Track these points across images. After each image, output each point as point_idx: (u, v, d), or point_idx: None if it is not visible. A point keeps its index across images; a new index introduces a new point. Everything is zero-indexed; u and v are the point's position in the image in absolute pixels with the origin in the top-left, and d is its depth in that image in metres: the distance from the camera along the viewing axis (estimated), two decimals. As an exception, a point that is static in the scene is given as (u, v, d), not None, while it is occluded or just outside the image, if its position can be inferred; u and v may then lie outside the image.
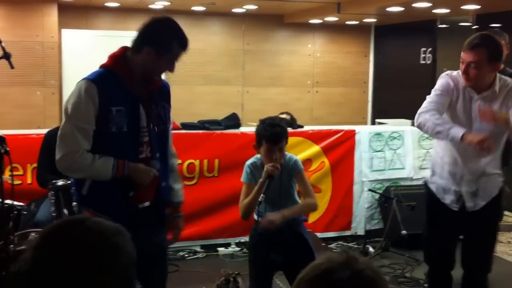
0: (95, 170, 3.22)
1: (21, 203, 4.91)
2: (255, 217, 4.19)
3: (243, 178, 4.12)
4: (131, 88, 3.29)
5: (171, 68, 3.34)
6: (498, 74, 3.99)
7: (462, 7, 8.74)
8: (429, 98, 4.06)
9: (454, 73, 4.07)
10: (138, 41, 3.31)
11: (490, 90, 3.94)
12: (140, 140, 3.35)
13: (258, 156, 4.13)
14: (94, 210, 3.27)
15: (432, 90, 4.10)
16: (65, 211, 4.78)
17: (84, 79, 3.25)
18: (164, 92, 3.55)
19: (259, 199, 3.89)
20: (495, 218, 4.26)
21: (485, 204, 4.12)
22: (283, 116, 7.58)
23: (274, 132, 3.96)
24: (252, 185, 4.04)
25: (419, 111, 4.06)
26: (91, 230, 1.60)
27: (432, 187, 4.31)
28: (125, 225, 3.17)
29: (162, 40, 3.28)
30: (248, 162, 4.17)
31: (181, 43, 3.30)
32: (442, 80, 4.10)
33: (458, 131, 3.78)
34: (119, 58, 3.34)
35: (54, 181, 4.86)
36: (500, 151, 4.13)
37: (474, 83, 3.92)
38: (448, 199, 4.19)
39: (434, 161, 4.29)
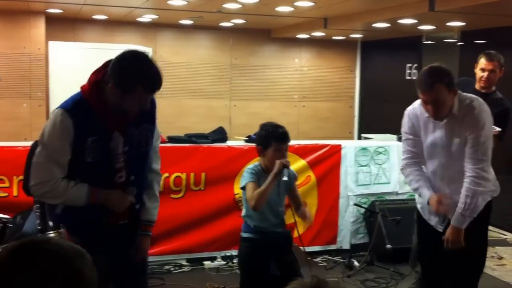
0: (69, 197, 3.24)
1: (6, 216, 4.87)
2: (244, 234, 4.25)
3: (247, 179, 4.15)
4: (104, 120, 3.24)
5: (139, 107, 3.23)
6: (457, 95, 3.91)
7: (447, 24, 8.80)
8: (403, 147, 4.23)
9: (416, 104, 4.07)
10: (108, 71, 3.20)
11: (450, 114, 3.89)
12: (117, 167, 3.33)
13: (257, 163, 4.25)
14: (66, 228, 3.34)
15: (402, 130, 4.20)
16: (50, 223, 4.74)
17: (60, 107, 3.22)
18: (147, 112, 3.38)
19: (284, 178, 4.04)
20: (482, 234, 4.23)
21: (471, 220, 4.04)
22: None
23: (283, 131, 4.17)
24: (257, 183, 4.10)
25: (401, 164, 4.25)
26: (53, 253, 1.55)
27: (419, 207, 4.33)
28: (99, 242, 3.17)
29: (125, 81, 3.15)
30: (249, 167, 4.24)
31: (147, 86, 3.18)
32: (404, 121, 4.16)
33: (425, 195, 4.03)
34: (94, 87, 3.24)
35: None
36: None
37: (442, 116, 3.88)
38: (433, 220, 4.19)
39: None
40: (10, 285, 1.48)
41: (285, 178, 4.06)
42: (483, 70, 5.42)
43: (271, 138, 4.14)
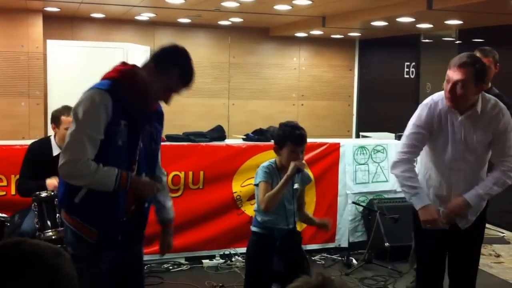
0: (98, 179, 3.15)
1: (4, 215, 4.88)
2: (253, 228, 4.25)
3: (260, 177, 4.14)
4: (136, 103, 3.26)
5: (165, 97, 3.31)
6: (482, 94, 3.91)
7: (445, 22, 8.80)
8: (404, 139, 4.09)
9: (435, 97, 4.01)
10: (149, 57, 3.31)
11: (472, 110, 3.86)
12: (136, 158, 3.33)
13: (273, 160, 4.24)
14: (81, 220, 3.26)
15: (410, 121, 4.08)
16: (48, 222, 4.74)
17: (96, 88, 3.20)
18: (158, 113, 3.52)
19: (295, 187, 4.08)
20: (481, 232, 4.21)
21: (475, 219, 4.07)
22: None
23: (299, 134, 4.15)
24: (269, 183, 4.11)
25: (394, 159, 4.15)
26: (28, 253, 1.54)
27: None
28: (109, 238, 3.22)
29: (164, 61, 3.25)
30: (264, 165, 4.22)
31: (181, 73, 3.26)
32: (420, 113, 4.04)
33: (417, 203, 3.96)
34: (127, 72, 3.30)
35: (37, 192, 4.83)
36: (485, 169, 4.08)
37: (458, 104, 3.84)
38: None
39: (420, 182, 4.17)
40: None
41: (296, 186, 4.09)
42: None
43: (287, 138, 4.13)
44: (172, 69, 3.23)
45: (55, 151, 5.23)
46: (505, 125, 3.91)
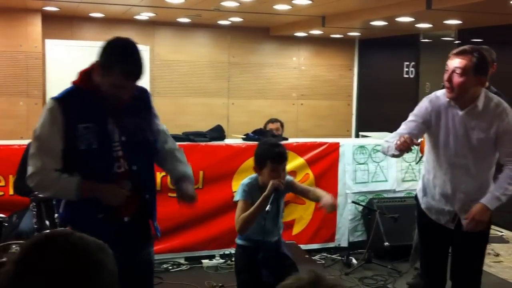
0: (59, 189, 3.26)
1: (2, 215, 4.86)
2: (238, 241, 4.24)
3: (239, 196, 4.09)
4: (97, 105, 3.24)
5: (115, 95, 3.23)
6: (484, 91, 3.87)
7: (444, 22, 8.80)
8: (402, 125, 4.08)
9: (438, 93, 3.99)
10: (97, 56, 3.28)
11: (472, 105, 3.82)
12: (114, 155, 3.30)
13: (254, 175, 4.16)
14: (72, 227, 3.24)
15: (412, 113, 4.07)
16: (47, 222, 4.73)
17: (51, 98, 3.31)
18: (140, 100, 3.44)
19: (267, 209, 3.90)
20: (485, 233, 4.15)
21: None
22: (273, 125, 7.61)
23: (279, 152, 4.04)
24: (248, 202, 4.03)
25: (388, 137, 4.10)
26: (75, 246, 1.57)
27: (424, 207, 4.22)
28: (104, 239, 3.22)
29: (104, 59, 3.21)
30: (244, 181, 4.15)
31: (123, 70, 3.17)
32: (420, 104, 4.05)
33: (392, 145, 3.86)
34: (85, 74, 3.30)
35: (36, 192, 4.81)
36: (491, 170, 4.05)
37: (457, 94, 3.78)
38: (443, 219, 4.10)
39: (426, 181, 4.19)
40: (36, 279, 1.50)
41: (267, 209, 3.91)
42: None
43: (266, 159, 4.02)
44: (113, 66, 3.17)
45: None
46: (509, 125, 3.86)
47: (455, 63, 3.73)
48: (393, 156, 4.01)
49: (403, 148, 3.75)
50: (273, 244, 4.18)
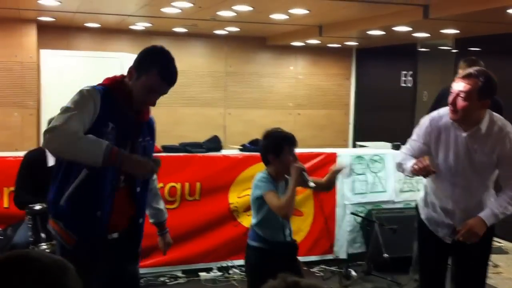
0: (83, 147, 2.93)
1: (-3, 228, 4.81)
2: (253, 243, 4.18)
3: (263, 188, 4.06)
4: (125, 111, 3.22)
5: (149, 99, 3.25)
6: (489, 113, 3.85)
7: (441, 31, 8.81)
8: (405, 145, 4.14)
9: (442, 112, 3.97)
10: (132, 63, 3.29)
11: (475, 128, 3.81)
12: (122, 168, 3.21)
13: (264, 172, 4.18)
14: (63, 225, 3.21)
15: (414, 131, 4.11)
16: (42, 235, 4.67)
17: (91, 86, 3.17)
18: (150, 126, 3.48)
19: (311, 185, 4.03)
20: (488, 246, 4.15)
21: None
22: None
23: (291, 135, 4.20)
24: (276, 191, 4.05)
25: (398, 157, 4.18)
26: (32, 271, 1.51)
27: (424, 217, 4.22)
28: (88, 246, 3.18)
29: (143, 62, 3.25)
30: (259, 176, 4.15)
31: (162, 72, 3.23)
32: (420, 124, 4.07)
33: (409, 164, 3.91)
34: (116, 81, 3.28)
35: (31, 205, 4.76)
36: (490, 188, 4.03)
37: (461, 117, 3.78)
38: (441, 232, 4.10)
39: (428, 193, 4.19)
40: None
41: (312, 184, 4.05)
42: None
43: (283, 143, 4.13)
44: (151, 68, 3.21)
45: (50, 161, 5.13)
46: (511, 150, 3.83)
47: (459, 86, 3.73)
48: (409, 176, 4.11)
49: (420, 175, 3.82)
50: (286, 245, 4.20)
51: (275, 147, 4.13)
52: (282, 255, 4.12)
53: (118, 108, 3.19)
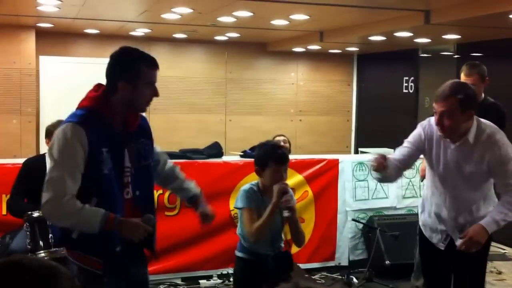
0: (82, 218, 3.07)
1: (-6, 235, 4.77)
2: (238, 254, 4.18)
3: (243, 203, 4.05)
4: (114, 128, 3.21)
5: (153, 93, 3.28)
6: (476, 122, 3.84)
7: (443, 37, 8.80)
8: (396, 151, 4.10)
9: (432, 120, 3.96)
10: (109, 82, 3.25)
11: (463, 139, 3.81)
12: (125, 181, 3.27)
13: (254, 182, 4.15)
14: (83, 253, 3.20)
15: (406, 139, 4.09)
16: (41, 243, 4.63)
17: (67, 122, 3.13)
18: (143, 127, 3.45)
19: (285, 215, 3.92)
20: (484, 252, 4.11)
21: None
22: (280, 137, 7.55)
23: (281, 152, 4.06)
24: (252, 209, 4.00)
25: None
26: (27, 273, 1.51)
27: (421, 223, 4.25)
28: (115, 266, 3.18)
29: (129, 68, 3.21)
30: (245, 187, 4.13)
31: (147, 63, 3.24)
32: (415, 130, 4.06)
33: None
34: (100, 98, 3.22)
35: (29, 212, 4.71)
36: (484, 196, 4.01)
37: (449, 134, 3.80)
38: (435, 238, 4.11)
39: (425, 198, 4.21)
40: None
41: (286, 214, 3.94)
42: None
43: (269, 159, 4.02)
44: (138, 66, 3.20)
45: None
46: (501, 158, 3.81)
47: (440, 106, 3.73)
48: (379, 180, 4.17)
49: (377, 168, 3.78)
50: (275, 257, 4.12)
51: (260, 160, 4.08)
52: (269, 268, 4.04)
53: (106, 128, 3.18)
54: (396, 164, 3.96)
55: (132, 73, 3.19)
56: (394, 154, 4.08)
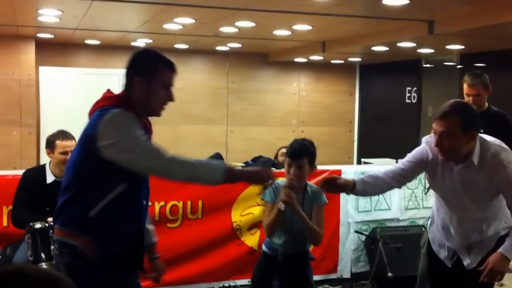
0: (203, 165, 3.15)
1: (-4, 247, 4.74)
2: (263, 247, 4.27)
3: (265, 196, 4.16)
4: (143, 126, 3.22)
5: (169, 95, 3.31)
6: (480, 141, 3.67)
7: (446, 47, 8.79)
8: (398, 164, 3.96)
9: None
10: (127, 77, 3.27)
11: (468, 161, 3.63)
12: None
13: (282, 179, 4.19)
14: (93, 238, 3.14)
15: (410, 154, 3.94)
16: (43, 255, 4.59)
17: (116, 109, 3.09)
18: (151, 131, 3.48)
19: (280, 207, 3.95)
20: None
21: (483, 258, 3.84)
22: (284, 150, 7.50)
23: (294, 149, 4.10)
24: (272, 204, 4.08)
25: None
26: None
27: (430, 237, 4.13)
28: (111, 259, 3.16)
29: (147, 64, 3.26)
30: (279, 180, 4.13)
31: (166, 64, 3.28)
32: (420, 147, 3.88)
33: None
34: (125, 97, 3.22)
35: (31, 223, 4.66)
36: (499, 207, 3.87)
37: (450, 156, 3.64)
38: (442, 254, 4.01)
39: (434, 210, 4.09)
40: None
41: (280, 207, 3.95)
42: (467, 95, 5.38)
43: (287, 154, 4.14)
44: (156, 65, 3.25)
45: (49, 178, 5.10)
46: (509, 178, 3.62)
47: (440, 126, 3.55)
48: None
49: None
50: (294, 256, 4.17)
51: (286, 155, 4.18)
52: (285, 266, 4.13)
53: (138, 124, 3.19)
54: (389, 180, 3.83)
55: (149, 69, 3.23)
56: (394, 166, 3.92)
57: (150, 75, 3.22)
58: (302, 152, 4.07)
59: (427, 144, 3.82)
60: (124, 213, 3.19)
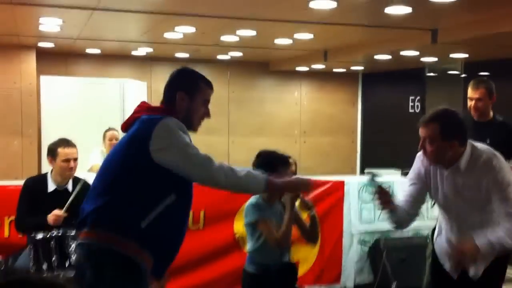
0: (248, 176, 3.27)
1: (-2, 258, 4.71)
2: (249, 269, 4.25)
3: (255, 216, 4.15)
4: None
5: (206, 111, 3.50)
6: (471, 148, 3.71)
7: (450, 56, 8.78)
8: (404, 193, 4.00)
9: None
10: (169, 92, 3.44)
11: (455, 166, 3.70)
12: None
13: (258, 196, 4.24)
14: (140, 246, 3.19)
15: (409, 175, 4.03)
16: (44, 266, 4.56)
17: (167, 118, 3.24)
18: None
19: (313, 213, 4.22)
20: (499, 284, 3.99)
21: (487, 267, 3.85)
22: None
23: (286, 156, 4.24)
24: (268, 220, 4.10)
25: None
26: None
27: (436, 247, 4.10)
28: (160, 270, 3.34)
29: (189, 81, 3.45)
30: (251, 202, 4.20)
31: (206, 82, 3.49)
32: (414, 165, 3.97)
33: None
34: (170, 111, 3.36)
35: (33, 234, 4.62)
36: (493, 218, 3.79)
37: (434, 161, 3.74)
38: (447, 265, 3.98)
39: (440, 220, 4.07)
40: None
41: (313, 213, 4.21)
42: (470, 99, 5.34)
43: (278, 163, 4.10)
44: (198, 83, 3.45)
45: (51, 187, 5.09)
46: (500, 184, 3.64)
47: (422, 132, 3.70)
48: (396, 224, 4.04)
49: (384, 205, 3.84)
50: (283, 266, 4.24)
51: (269, 166, 3.95)
52: (279, 279, 4.15)
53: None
54: (405, 210, 3.87)
55: (192, 86, 3.44)
56: (401, 196, 3.97)
57: (193, 91, 3.42)
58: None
59: (419, 158, 3.93)
60: (175, 223, 3.34)
